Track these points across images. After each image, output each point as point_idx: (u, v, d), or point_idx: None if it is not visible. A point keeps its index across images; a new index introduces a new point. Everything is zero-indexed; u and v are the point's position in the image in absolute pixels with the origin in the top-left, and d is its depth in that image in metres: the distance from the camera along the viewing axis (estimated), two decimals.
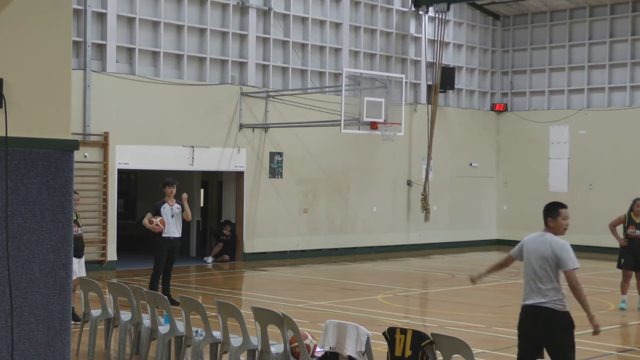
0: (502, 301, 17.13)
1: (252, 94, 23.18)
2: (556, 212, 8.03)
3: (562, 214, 8.01)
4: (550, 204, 8.16)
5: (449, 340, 7.67)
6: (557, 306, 7.79)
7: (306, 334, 8.85)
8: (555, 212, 8.02)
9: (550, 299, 7.81)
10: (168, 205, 15.23)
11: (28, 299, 5.32)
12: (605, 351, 12.02)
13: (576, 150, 27.97)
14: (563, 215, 8.01)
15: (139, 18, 21.33)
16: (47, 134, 5.36)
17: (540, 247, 7.95)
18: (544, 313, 7.84)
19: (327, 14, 25.18)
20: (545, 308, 7.82)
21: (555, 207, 8.07)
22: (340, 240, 25.33)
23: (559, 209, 8.05)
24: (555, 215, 8.01)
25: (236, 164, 23.01)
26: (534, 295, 7.91)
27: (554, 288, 7.81)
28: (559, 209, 8.04)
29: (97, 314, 11.16)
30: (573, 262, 7.79)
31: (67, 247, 5.48)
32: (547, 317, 7.84)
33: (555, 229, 8.01)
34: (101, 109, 20.31)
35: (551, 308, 7.80)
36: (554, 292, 7.80)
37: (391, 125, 21.31)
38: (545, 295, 7.84)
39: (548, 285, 7.83)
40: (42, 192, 5.35)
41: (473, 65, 29.45)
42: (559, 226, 8.01)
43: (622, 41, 27.45)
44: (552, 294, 7.80)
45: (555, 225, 8.00)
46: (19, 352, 5.28)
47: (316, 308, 15.45)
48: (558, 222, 7.99)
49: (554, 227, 8.01)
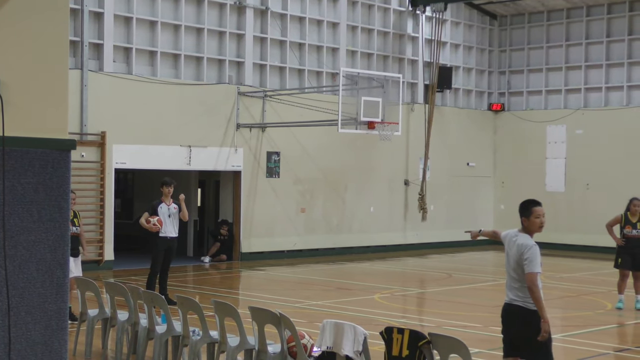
0: (499, 301, 17.01)
1: (250, 93, 23.18)
2: (529, 210, 7.96)
3: (535, 212, 7.94)
4: (523, 203, 8.09)
5: (446, 339, 7.67)
6: (528, 304, 7.81)
7: (303, 333, 8.85)
8: (528, 211, 7.96)
9: (522, 298, 7.85)
10: (165, 205, 15.22)
11: (25, 299, 5.32)
12: (603, 350, 12.03)
13: (573, 150, 27.99)
14: (536, 214, 7.94)
15: (136, 17, 21.31)
16: (44, 133, 5.36)
17: (512, 249, 7.99)
18: (516, 311, 7.91)
19: (324, 14, 25.18)
20: (518, 306, 7.88)
21: (528, 206, 8.00)
22: (338, 240, 25.33)
23: (532, 207, 7.98)
24: (528, 214, 7.96)
25: (233, 164, 23.00)
26: (510, 293, 8.01)
27: (524, 287, 7.84)
28: (531, 207, 7.97)
29: (94, 314, 11.16)
30: (535, 266, 7.76)
31: (64, 246, 5.47)
32: (520, 315, 7.89)
33: (529, 228, 7.98)
34: (98, 109, 20.30)
35: (523, 307, 7.84)
36: (526, 291, 7.82)
37: (388, 124, 21.32)
38: (517, 295, 7.89)
39: (520, 284, 7.86)
40: (39, 192, 5.35)
41: (470, 65, 29.47)
42: (532, 224, 7.96)
43: (619, 41, 27.47)
44: (525, 293, 7.83)
45: (529, 224, 7.97)
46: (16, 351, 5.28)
47: (313, 308, 15.46)
48: (531, 220, 7.94)
49: (527, 227, 7.98)
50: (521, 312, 7.87)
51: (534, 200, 8.09)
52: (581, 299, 17.42)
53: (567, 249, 26.39)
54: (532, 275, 7.74)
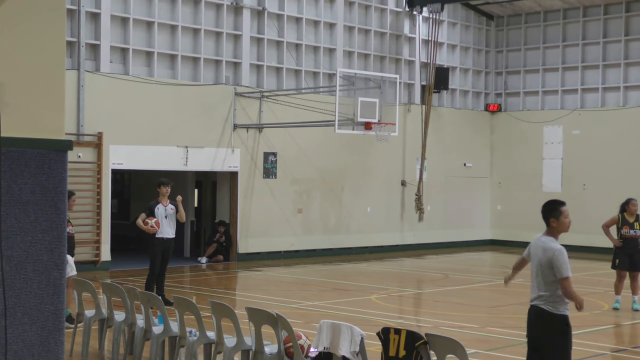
0: (495, 301, 17.15)
1: (246, 94, 23.18)
2: (558, 211, 7.91)
3: (564, 212, 7.91)
4: (550, 203, 8.02)
5: (443, 340, 7.67)
6: (548, 307, 7.80)
7: (300, 334, 8.85)
8: (558, 212, 7.91)
9: (543, 300, 7.83)
10: (162, 205, 15.16)
11: (21, 300, 5.31)
12: (599, 351, 12.03)
13: (570, 151, 28.02)
14: (565, 214, 7.91)
15: (132, 18, 21.31)
16: (40, 134, 5.35)
17: (538, 252, 7.93)
18: (537, 313, 7.89)
19: (321, 14, 25.19)
20: (540, 308, 7.85)
21: (557, 206, 7.94)
22: (334, 241, 25.33)
23: (560, 207, 7.93)
24: (557, 214, 7.90)
25: (230, 164, 23.00)
26: (532, 294, 7.98)
27: (549, 290, 7.81)
28: (560, 208, 7.92)
29: (91, 314, 11.15)
30: (565, 271, 7.73)
31: (61, 247, 5.47)
32: (538, 317, 7.88)
33: (558, 229, 7.92)
34: (95, 109, 20.29)
35: (544, 309, 7.82)
36: (548, 294, 7.81)
37: (385, 125, 21.33)
38: (539, 296, 7.87)
39: (543, 288, 7.84)
40: (35, 193, 5.34)
41: (467, 66, 29.48)
42: (562, 225, 7.91)
43: (615, 41, 27.50)
44: (546, 296, 7.81)
45: (559, 224, 7.90)
46: (13, 352, 5.27)
47: (310, 308, 15.46)
48: (561, 221, 7.89)
49: (557, 227, 7.91)
50: (542, 314, 7.86)
51: (559, 200, 8.06)
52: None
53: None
54: (565, 282, 7.71)
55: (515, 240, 28.48)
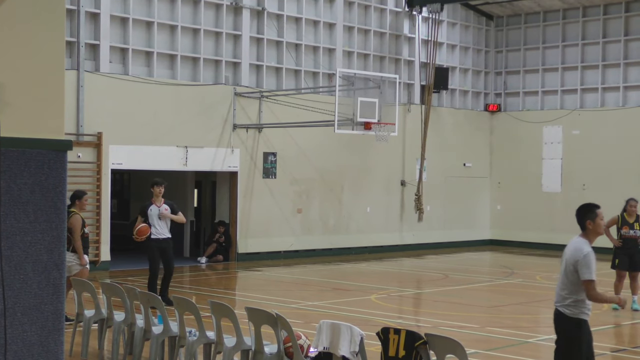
0: (495, 301, 17.15)
1: (246, 94, 23.17)
2: (594, 213, 8.01)
3: (600, 214, 8.03)
4: (585, 206, 8.15)
5: (443, 340, 7.67)
6: (565, 310, 7.82)
7: (300, 334, 8.85)
8: (594, 214, 8.00)
9: (561, 302, 7.87)
10: (155, 206, 15.03)
11: (21, 300, 5.32)
12: (599, 351, 12.02)
13: (569, 151, 28.02)
14: (600, 216, 8.03)
15: (132, 18, 21.30)
16: (40, 134, 5.35)
17: (568, 252, 8.02)
18: (556, 314, 7.97)
19: (320, 14, 25.18)
20: (558, 310, 7.93)
21: (593, 209, 8.06)
22: (334, 241, 25.32)
23: (596, 209, 8.06)
24: (594, 216, 7.99)
25: (230, 164, 22.99)
26: (556, 296, 8.04)
27: (569, 291, 7.84)
28: (596, 210, 8.05)
29: (91, 314, 11.15)
30: (590, 274, 7.76)
31: (61, 247, 5.47)
32: (556, 320, 7.96)
33: (594, 230, 8.00)
34: (94, 109, 20.28)
35: (561, 311, 7.85)
36: (566, 292, 7.84)
37: (385, 125, 21.32)
38: (559, 297, 7.94)
39: (564, 287, 7.88)
40: (35, 193, 5.34)
41: (466, 66, 29.48)
42: (598, 227, 8.00)
43: (615, 42, 27.50)
44: (565, 298, 7.85)
45: (595, 226, 7.99)
46: (12, 352, 5.27)
47: (310, 308, 15.45)
48: (597, 222, 7.99)
49: (593, 229, 7.99)
50: (559, 316, 7.91)
51: (594, 203, 8.19)
52: None
53: (563, 249, 26.35)
54: (588, 284, 7.73)
55: (514, 240, 28.50)
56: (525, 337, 13.16)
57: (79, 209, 13.30)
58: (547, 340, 13.20)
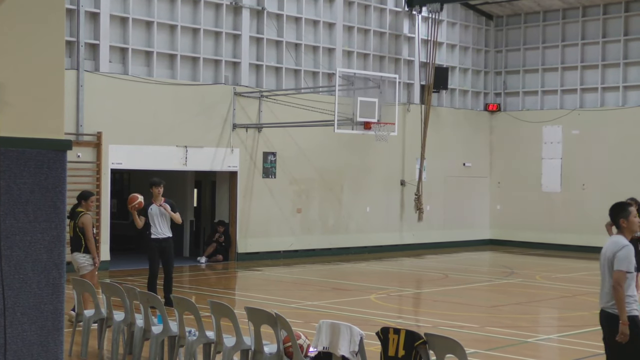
0: (495, 301, 17.15)
1: (246, 93, 23.18)
2: (626, 211, 8.05)
3: (632, 212, 8.07)
4: (618, 205, 8.18)
5: (442, 340, 7.67)
6: (615, 310, 7.82)
7: (299, 334, 8.85)
8: (626, 212, 8.04)
9: (605, 301, 7.89)
10: (155, 206, 15.06)
11: (21, 299, 5.32)
12: (599, 351, 12.01)
13: (569, 151, 28.02)
14: (633, 213, 8.07)
15: (132, 18, 21.30)
16: (39, 133, 5.35)
17: (607, 249, 8.04)
18: (602, 316, 8.00)
19: (320, 14, 25.18)
20: (602, 311, 7.97)
21: (625, 207, 8.11)
22: (334, 240, 25.33)
23: (628, 207, 8.11)
24: (626, 214, 8.03)
25: (229, 164, 22.99)
26: (600, 296, 8.06)
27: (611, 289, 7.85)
28: (628, 208, 8.09)
29: (90, 314, 11.15)
30: (623, 264, 7.77)
31: (60, 247, 5.47)
32: (603, 320, 8.00)
33: (629, 228, 8.03)
34: (94, 109, 20.28)
35: (607, 312, 7.86)
36: (610, 294, 7.84)
37: (384, 125, 21.33)
38: (602, 298, 7.97)
39: (605, 286, 7.90)
40: (34, 192, 5.34)
41: (466, 65, 29.49)
42: (632, 224, 8.03)
43: (614, 41, 27.50)
44: (608, 297, 7.85)
45: (629, 224, 8.02)
46: (12, 352, 5.28)
47: (309, 308, 15.46)
48: (630, 220, 8.02)
49: (627, 227, 8.02)
50: (607, 317, 7.93)
51: (626, 202, 8.26)
52: (577, 299, 17.44)
53: (563, 249, 26.41)
54: (619, 274, 7.75)
55: (514, 240, 28.50)
56: (524, 336, 13.16)
57: (85, 209, 13.31)
58: (546, 340, 13.22)
